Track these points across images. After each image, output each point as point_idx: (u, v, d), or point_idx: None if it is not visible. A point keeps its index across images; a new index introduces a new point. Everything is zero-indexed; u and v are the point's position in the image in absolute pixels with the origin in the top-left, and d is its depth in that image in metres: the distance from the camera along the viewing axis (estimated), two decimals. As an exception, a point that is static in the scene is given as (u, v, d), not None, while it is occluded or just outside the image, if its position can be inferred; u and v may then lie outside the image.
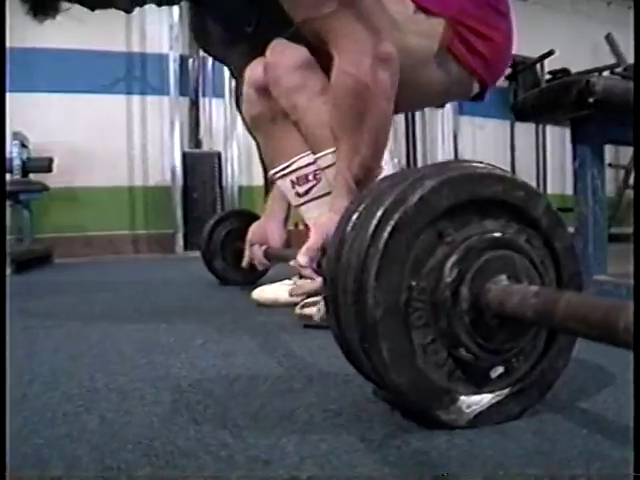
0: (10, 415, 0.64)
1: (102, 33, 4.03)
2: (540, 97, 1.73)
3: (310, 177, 1.43)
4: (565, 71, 5.11)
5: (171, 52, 4.05)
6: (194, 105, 4.21)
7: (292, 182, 1.44)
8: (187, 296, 1.84)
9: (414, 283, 0.57)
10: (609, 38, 5.06)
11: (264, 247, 1.65)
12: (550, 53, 4.89)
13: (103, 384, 0.80)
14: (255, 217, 1.87)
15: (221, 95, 4.18)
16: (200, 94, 4.21)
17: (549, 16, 5.27)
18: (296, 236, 1.98)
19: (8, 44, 3.67)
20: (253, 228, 1.71)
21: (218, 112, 4.25)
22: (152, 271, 3.00)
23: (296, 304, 1.24)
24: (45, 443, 0.58)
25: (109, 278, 2.65)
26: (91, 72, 4.03)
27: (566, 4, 5.50)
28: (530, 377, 0.64)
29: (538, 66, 5.12)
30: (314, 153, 1.32)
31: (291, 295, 1.32)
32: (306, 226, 1.54)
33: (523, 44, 5.00)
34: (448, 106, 4.59)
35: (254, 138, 1.56)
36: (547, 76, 5.18)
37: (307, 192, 1.45)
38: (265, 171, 1.70)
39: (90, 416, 0.66)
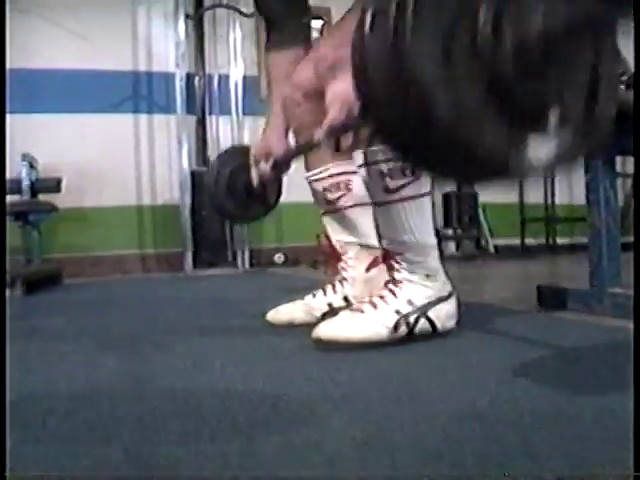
0: (31, 445, 0.64)
1: (109, 52, 4.08)
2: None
3: (342, 186, 1.45)
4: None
5: (177, 70, 4.06)
6: (201, 123, 4.22)
7: (324, 188, 1.46)
8: (200, 315, 1.84)
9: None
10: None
11: (271, 161, 1.58)
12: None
13: (124, 413, 0.80)
14: None
15: (227, 112, 4.19)
16: (207, 112, 4.23)
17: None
18: (316, 251, 1.96)
19: (15, 65, 3.74)
20: (255, 145, 1.66)
21: (225, 129, 4.26)
22: (162, 291, 2.99)
23: (312, 324, 1.24)
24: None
25: (120, 298, 2.64)
26: (98, 92, 4.05)
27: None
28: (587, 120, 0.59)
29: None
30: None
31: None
32: (328, 239, 1.54)
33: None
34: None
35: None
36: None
37: (336, 200, 1.46)
38: None
39: (113, 448, 0.65)
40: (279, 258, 4.15)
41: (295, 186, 1.90)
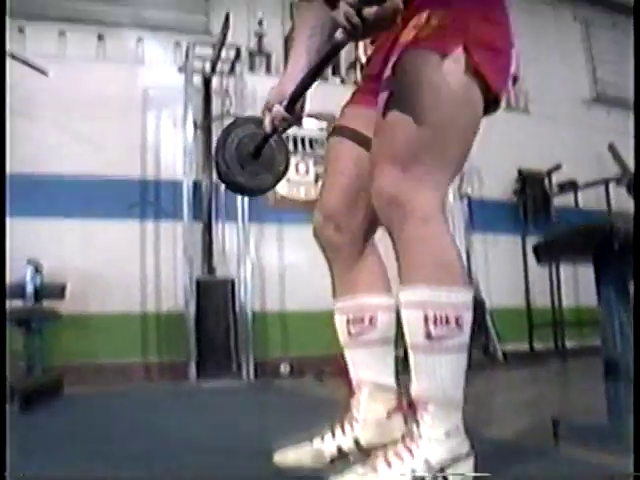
0: None
1: (117, 159, 4.16)
2: (563, 241, 1.71)
3: (366, 320, 1.39)
4: (573, 183, 5.18)
5: (185, 178, 4.12)
6: (207, 229, 4.24)
7: (348, 320, 1.40)
8: (205, 451, 1.75)
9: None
10: (612, 148, 5.14)
11: (285, 101, 1.49)
12: (557, 167, 4.99)
13: None
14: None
15: (234, 219, 4.22)
16: (213, 218, 4.26)
17: (552, 128, 5.39)
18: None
19: (24, 170, 3.80)
20: (269, 93, 1.58)
21: (231, 236, 4.27)
22: (162, 413, 2.84)
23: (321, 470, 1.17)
24: None
25: (116, 424, 2.49)
26: (106, 198, 4.10)
27: (568, 115, 5.64)
28: None
29: (546, 179, 5.20)
30: (402, 283, 1.21)
31: None
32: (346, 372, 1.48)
33: (528, 158, 5.16)
34: (459, 223, 4.63)
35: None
36: (555, 189, 5.24)
37: (358, 334, 1.40)
38: None
39: None
40: (285, 368, 4.08)
41: (301, 295, 1.89)
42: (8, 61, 3.45)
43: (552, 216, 5.14)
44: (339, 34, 1.16)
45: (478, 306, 4.62)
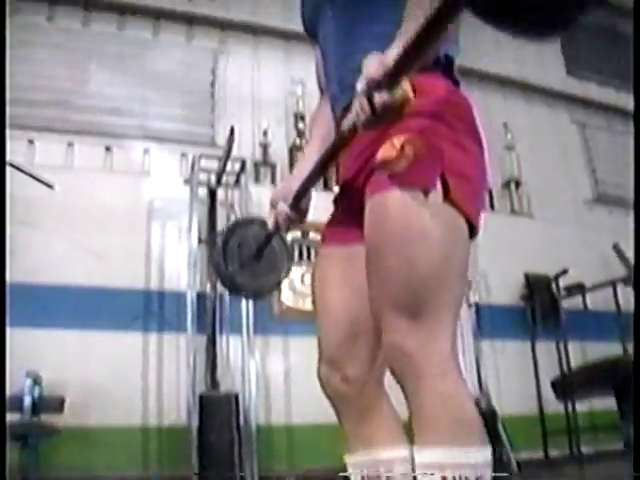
0: None
1: (121, 270, 4.12)
2: (583, 376, 1.65)
3: (383, 476, 1.30)
4: (580, 287, 5.13)
5: (189, 290, 4.07)
6: (211, 342, 4.15)
7: (362, 477, 1.32)
8: None
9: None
10: (616, 249, 5.14)
11: (290, 198, 1.48)
12: (564, 272, 4.95)
13: None
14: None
15: (238, 331, 4.14)
16: (217, 331, 4.18)
17: (556, 230, 5.39)
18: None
19: (27, 280, 3.77)
20: (274, 191, 1.57)
21: (236, 348, 4.18)
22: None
23: None
24: None
25: None
26: (108, 309, 4.04)
27: (571, 217, 5.67)
28: None
29: (553, 283, 5.15)
30: (418, 443, 1.14)
31: None
32: None
33: (534, 262, 5.14)
34: (467, 331, 4.55)
35: None
36: (563, 292, 5.19)
37: None
38: None
39: None
40: (291, 484, 3.92)
41: (307, 408, 1.81)
42: (14, 172, 3.51)
43: (561, 320, 5.06)
44: (346, 123, 1.16)
45: (489, 415, 4.48)
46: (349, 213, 1.38)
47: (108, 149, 4.46)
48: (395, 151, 1.18)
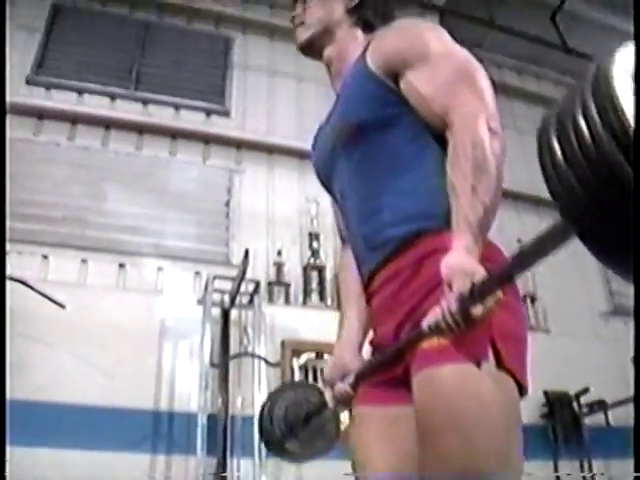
0: None
1: (131, 390, 4.03)
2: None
3: None
4: (602, 403, 5.00)
5: (200, 412, 3.97)
6: (221, 465, 4.01)
7: None
8: None
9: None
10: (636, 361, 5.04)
11: (350, 377, 1.44)
12: (585, 390, 4.83)
13: None
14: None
15: (250, 454, 3.99)
16: (228, 453, 4.04)
17: (574, 344, 5.31)
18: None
19: (35, 397, 3.69)
20: (328, 366, 1.56)
21: (246, 472, 4.03)
22: None
23: None
24: None
25: None
26: (116, 429, 3.92)
27: (588, 331, 5.60)
28: None
29: (574, 401, 5.02)
30: None
31: None
32: None
33: (553, 378, 5.01)
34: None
35: None
36: (584, 409, 5.05)
37: None
38: None
39: None
40: None
41: None
42: (27, 289, 3.51)
43: (584, 438, 4.90)
44: (426, 323, 1.11)
45: None
46: (388, 373, 1.33)
47: (122, 266, 4.46)
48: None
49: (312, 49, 1.70)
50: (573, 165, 0.68)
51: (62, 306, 3.65)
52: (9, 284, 3.04)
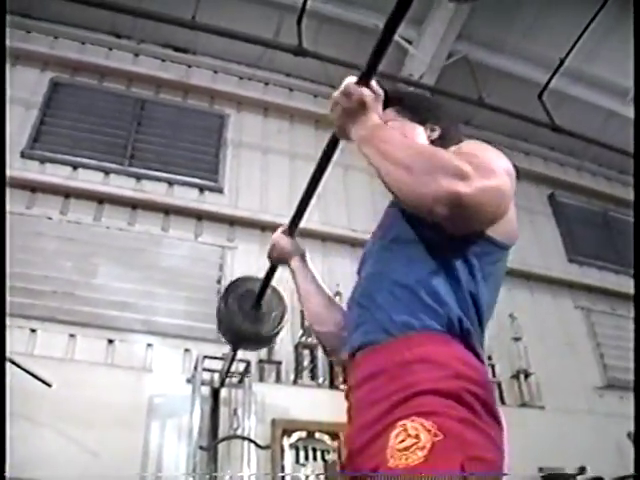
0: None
1: (116, 468, 3.92)
2: None
3: None
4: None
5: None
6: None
7: None
8: None
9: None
10: (631, 437, 4.97)
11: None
12: (582, 470, 4.74)
13: None
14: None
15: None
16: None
17: (568, 420, 5.25)
18: None
19: (16, 475, 3.57)
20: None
21: None
22: None
23: None
24: None
25: None
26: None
27: (582, 406, 5.54)
28: None
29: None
30: None
31: None
32: None
33: (548, 455, 4.91)
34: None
35: None
36: (583, 487, 4.95)
37: None
38: None
39: None
40: None
41: None
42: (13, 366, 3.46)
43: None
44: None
45: None
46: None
47: (111, 342, 4.41)
48: (408, 439, 1.13)
49: None
50: None
51: (48, 385, 3.60)
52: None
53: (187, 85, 6.04)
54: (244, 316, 2.26)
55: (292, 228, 2.11)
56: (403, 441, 1.13)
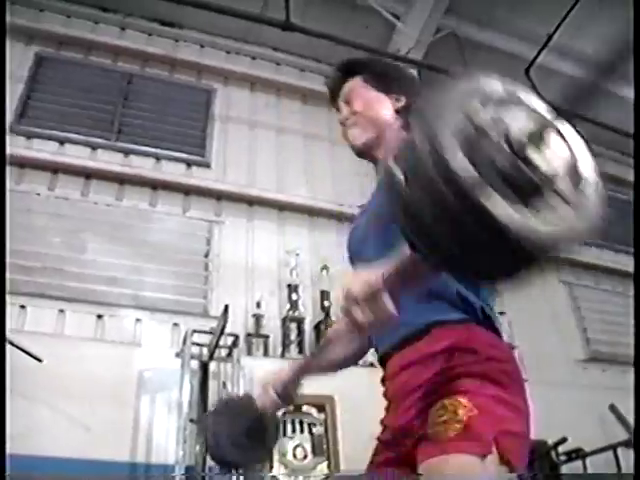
0: None
1: (107, 442, 3.97)
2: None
3: None
4: (579, 451, 5.00)
5: (177, 466, 3.92)
6: (201, 523, 3.96)
7: None
8: None
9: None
10: (613, 409, 5.07)
11: (279, 386, 1.65)
12: (563, 440, 4.83)
13: None
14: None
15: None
16: (206, 511, 3.99)
17: (551, 392, 5.31)
18: None
19: (7, 450, 3.62)
20: (269, 375, 1.72)
21: (224, 526, 3.98)
22: None
23: None
24: None
25: None
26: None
27: (565, 379, 5.63)
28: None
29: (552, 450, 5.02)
30: None
31: None
32: None
33: (533, 428, 5.01)
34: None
35: None
36: (563, 457, 5.05)
37: None
38: None
39: None
40: None
41: None
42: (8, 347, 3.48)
43: (562, 485, 4.91)
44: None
45: None
46: (397, 459, 1.39)
47: (100, 317, 4.45)
48: (447, 414, 1.25)
49: (367, 151, 1.72)
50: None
51: (39, 360, 3.63)
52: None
53: (174, 59, 6.00)
54: (236, 449, 1.94)
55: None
56: (442, 415, 1.25)
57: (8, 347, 3.48)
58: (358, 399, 3.78)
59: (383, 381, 1.55)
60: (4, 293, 3.08)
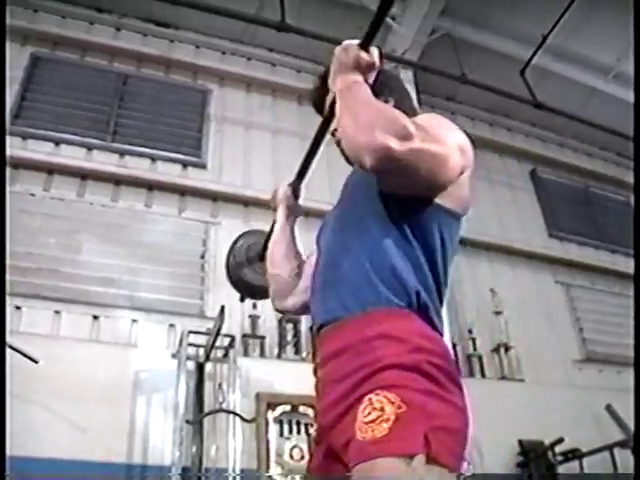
0: None
1: (103, 444, 3.96)
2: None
3: None
4: (576, 451, 5.00)
5: (173, 467, 3.91)
6: (195, 519, 3.94)
7: None
8: None
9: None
10: (610, 410, 5.07)
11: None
12: (560, 440, 4.83)
13: None
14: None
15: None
16: (202, 511, 3.99)
17: (547, 392, 5.34)
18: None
19: (9, 452, 3.60)
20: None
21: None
22: None
23: None
24: None
25: None
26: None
27: (561, 379, 5.64)
28: None
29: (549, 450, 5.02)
30: None
31: None
32: None
33: (528, 427, 5.02)
34: None
35: None
36: (559, 457, 5.05)
37: None
38: None
39: None
40: None
41: None
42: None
43: (559, 485, 4.90)
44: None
45: None
46: (328, 454, 1.36)
47: (95, 318, 4.43)
48: (374, 412, 1.19)
49: None
50: None
51: (35, 361, 3.61)
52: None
53: (169, 60, 6.00)
54: (250, 268, 2.37)
55: (295, 184, 2.09)
56: (369, 414, 1.19)
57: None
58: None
59: (315, 371, 1.49)
60: (4, 296, 3.06)
